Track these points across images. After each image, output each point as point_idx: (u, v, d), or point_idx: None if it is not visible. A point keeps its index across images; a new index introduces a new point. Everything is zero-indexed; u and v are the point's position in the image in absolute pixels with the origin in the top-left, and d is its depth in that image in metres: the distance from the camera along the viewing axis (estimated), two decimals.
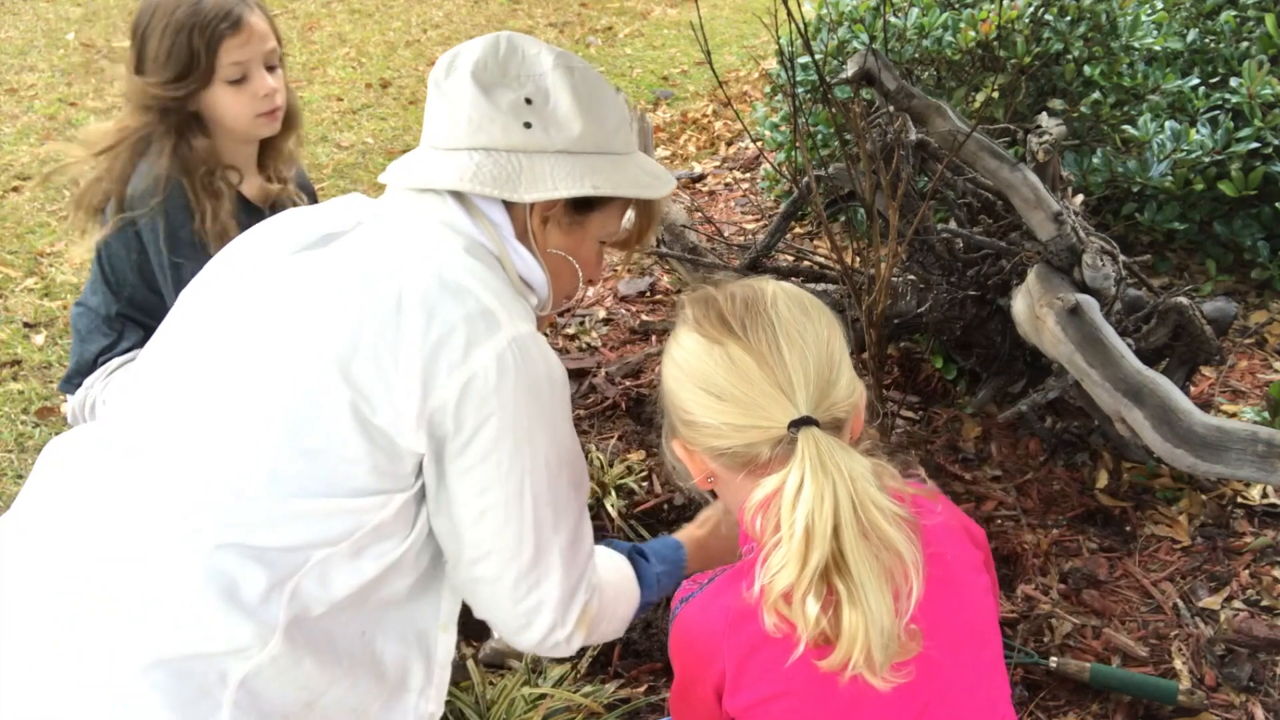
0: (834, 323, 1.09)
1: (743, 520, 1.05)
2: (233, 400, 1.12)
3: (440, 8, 6.50)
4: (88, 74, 5.04)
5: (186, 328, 1.22)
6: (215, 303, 1.21)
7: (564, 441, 1.22)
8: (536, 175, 1.21)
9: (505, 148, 1.22)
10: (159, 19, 1.83)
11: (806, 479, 0.96)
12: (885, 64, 2.13)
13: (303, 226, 1.24)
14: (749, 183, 4.04)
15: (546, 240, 1.29)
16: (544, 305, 1.33)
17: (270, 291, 1.17)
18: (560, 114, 1.23)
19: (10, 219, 3.58)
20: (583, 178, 1.22)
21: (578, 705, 1.68)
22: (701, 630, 1.07)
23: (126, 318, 2.00)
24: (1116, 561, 2.04)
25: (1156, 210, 2.77)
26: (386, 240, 1.19)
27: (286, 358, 1.12)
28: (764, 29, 2.59)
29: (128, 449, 1.14)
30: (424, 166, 1.24)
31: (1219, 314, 2.10)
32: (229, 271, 1.24)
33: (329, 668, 1.13)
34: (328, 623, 1.13)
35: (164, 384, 1.18)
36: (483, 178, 1.20)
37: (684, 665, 1.11)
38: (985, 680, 1.09)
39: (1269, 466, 1.69)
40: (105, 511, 1.10)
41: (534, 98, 1.22)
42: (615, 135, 1.28)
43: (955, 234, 2.32)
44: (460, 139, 1.23)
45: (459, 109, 1.22)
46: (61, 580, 1.07)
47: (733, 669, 1.03)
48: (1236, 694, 1.75)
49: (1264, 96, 2.61)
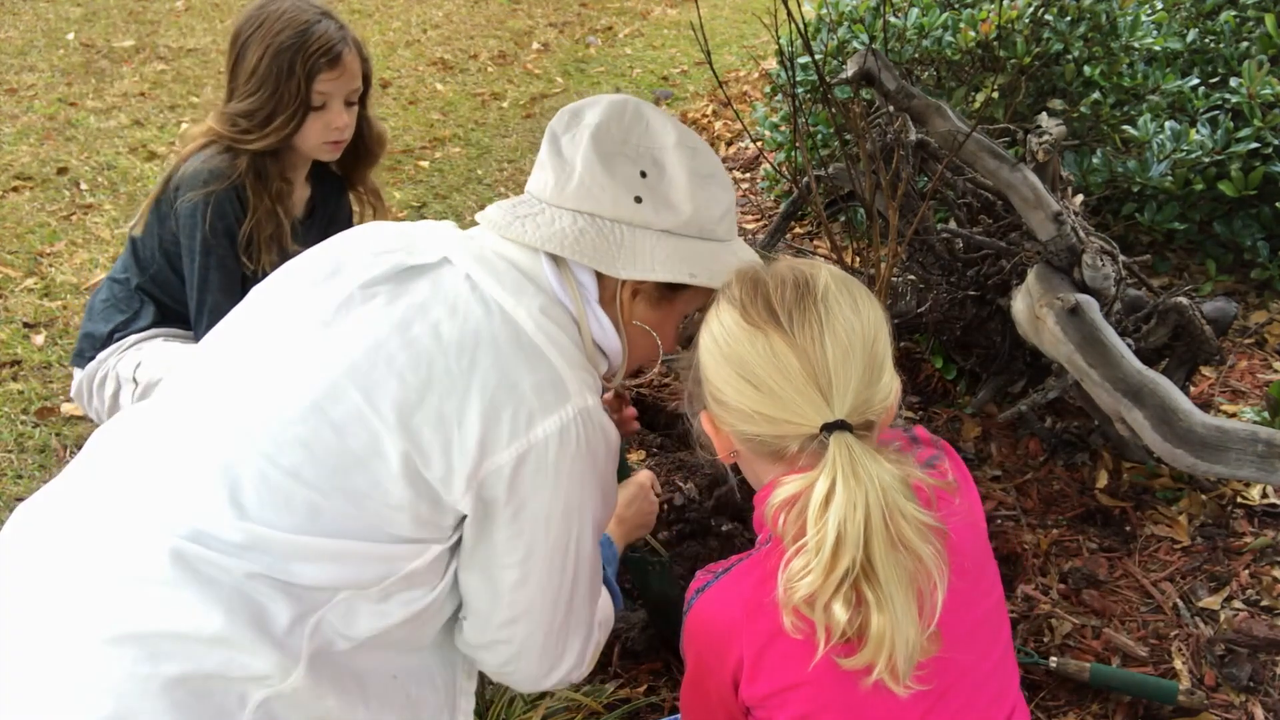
0: (882, 318, 1.06)
1: (760, 510, 1.05)
2: (282, 427, 1.09)
3: (440, 8, 6.50)
4: (88, 74, 5.04)
5: (252, 335, 1.19)
6: (284, 316, 1.18)
7: (610, 502, 1.24)
8: (637, 252, 1.20)
9: (611, 217, 1.20)
10: (262, 34, 1.92)
11: (838, 487, 0.94)
12: (885, 64, 2.13)
13: (386, 249, 1.20)
14: (749, 183, 4.04)
15: (633, 313, 1.27)
16: (614, 372, 1.32)
17: (340, 323, 1.14)
18: (673, 195, 1.22)
19: (10, 219, 3.57)
20: (681, 263, 1.21)
21: (577, 705, 1.68)
22: (718, 619, 1.07)
23: (145, 292, 2.07)
24: (1116, 561, 2.04)
25: (1156, 210, 2.77)
26: (468, 290, 1.15)
27: (345, 396, 1.09)
28: (764, 29, 2.60)
29: (167, 459, 1.11)
30: (526, 219, 1.22)
31: (1219, 314, 2.10)
32: (304, 283, 1.20)
33: (354, 707, 1.11)
34: (356, 661, 1.12)
35: (216, 394, 1.15)
36: (584, 247, 1.19)
37: (699, 655, 1.11)
38: (997, 671, 1.09)
39: (1269, 466, 1.69)
40: (136, 526, 1.07)
41: (650, 172, 1.22)
42: (720, 223, 1.26)
43: (955, 234, 2.32)
44: (568, 199, 1.21)
45: (573, 168, 1.21)
46: (81, 597, 1.04)
47: (750, 658, 1.03)
48: (1236, 694, 1.75)
49: (1264, 96, 2.61)
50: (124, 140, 4.29)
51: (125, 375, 1.99)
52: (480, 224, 1.27)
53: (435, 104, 4.93)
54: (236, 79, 1.95)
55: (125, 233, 3.47)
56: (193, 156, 1.96)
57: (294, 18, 1.90)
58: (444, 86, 5.18)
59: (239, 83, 1.94)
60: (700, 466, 2.22)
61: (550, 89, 5.21)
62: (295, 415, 1.09)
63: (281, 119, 1.92)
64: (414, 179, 4.07)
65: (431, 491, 1.10)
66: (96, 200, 3.76)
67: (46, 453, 2.45)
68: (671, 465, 2.29)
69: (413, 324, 1.11)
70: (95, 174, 3.96)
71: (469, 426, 1.08)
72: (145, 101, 4.75)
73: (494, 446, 1.09)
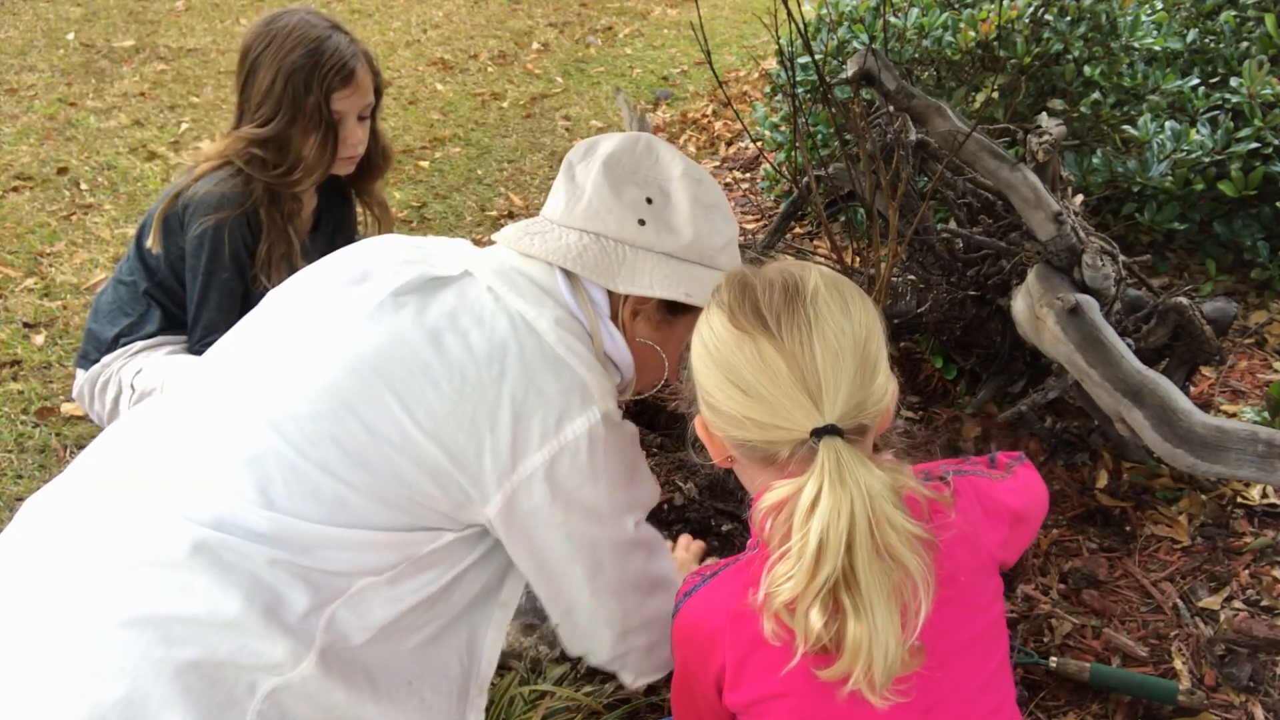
0: (875, 319, 1.05)
1: (753, 518, 1.05)
2: (313, 421, 1.12)
3: (440, 8, 6.50)
4: (88, 74, 5.04)
5: (281, 332, 1.22)
6: (315, 316, 1.22)
7: (647, 486, 1.32)
8: (636, 270, 1.26)
9: (615, 237, 1.27)
10: (273, 53, 1.89)
11: (824, 492, 0.93)
12: (885, 64, 2.13)
13: (410, 259, 1.26)
14: (749, 183, 4.04)
15: (635, 331, 1.33)
16: (626, 387, 1.38)
17: (373, 327, 1.18)
18: (675, 220, 1.28)
19: (10, 219, 3.57)
20: (678, 283, 1.27)
21: (578, 704, 1.68)
22: (702, 625, 1.07)
23: (152, 297, 2.07)
24: (1116, 561, 2.04)
25: (1156, 210, 2.77)
26: (491, 301, 1.21)
27: (380, 399, 1.13)
28: (764, 29, 2.59)
29: (191, 449, 1.14)
30: (536, 236, 1.29)
31: (1219, 314, 2.10)
32: (334, 286, 1.24)
33: (361, 703, 1.13)
34: (369, 658, 1.15)
35: (243, 387, 1.18)
36: (586, 260, 1.25)
37: (685, 660, 1.11)
38: (990, 687, 1.08)
39: (1269, 466, 1.68)
40: (157, 513, 1.09)
41: (655, 199, 1.29)
42: (721, 253, 1.32)
43: (955, 234, 2.32)
44: (576, 219, 1.29)
45: (583, 192, 1.29)
46: (99, 579, 1.06)
47: (733, 665, 1.03)
48: (1236, 694, 1.75)
49: (1264, 96, 2.60)
50: (124, 140, 4.29)
51: (127, 381, 2.00)
52: (497, 243, 1.33)
53: (435, 104, 4.93)
54: (248, 100, 1.92)
55: (126, 233, 3.47)
56: (205, 177, 1.93)
57: (304, 34, 1.87)
58: (444, 86, 5.18)
59: (251, 104, 1.92)
60: (701, 467, 2.22)
61: (550, 89, 5.21)
62: (327, 411, 1.13)
63: (314, 153, 1.90)
64: (414, 179, 4.07)
65: (462, 493, 1.15)
66: (96, 200, 3.76)
67: (46, 453, 2.45)
68: (671, 465, 2.29)
69: (444, 334, 1.17)
70: (95, 174, 3.96)
71: (501, 431, 1.14)
72: (145, 101, 4.75)
73: (526, 449, 1.15)
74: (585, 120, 4.86)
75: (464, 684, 1.28)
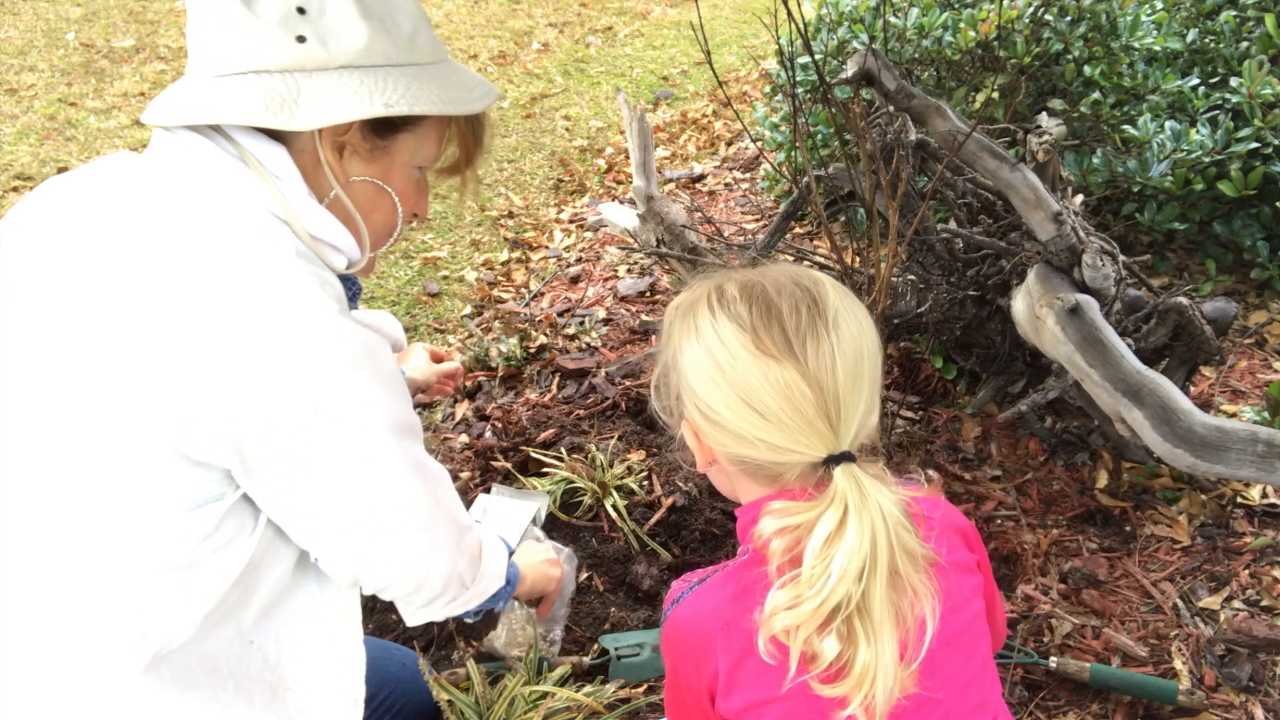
0: (876, 334, 1.03)
1: (743, 525, 1.04)
2: (27, 450, 0.98)
3: (440, 8, 6.50)
4: (88, 74, 5.04)
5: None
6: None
7: (403, 398, 1.10)
8: (317, 97, 1.03)
9: (278, 68, 1.02)
10: None
11: (850, 523, 0.92)
12: (885, 64, 2.13)
13: (76, 208, 1.06)
14: (749, 183, 4.04)
15: (346, 172, 1.10)
16: (358, 261, 1.16)
17: (57, 324, 0.99)
18: (340, 22, 1.04)
19: None
20: (372, 95, 1.04)
21: (578, 705, 1.68)
22: (694, 631, 1.06)
23: None
24: (1116, 561, 2.04)
25: (1156, 210, 2.77)
26: (163, 238, 0.99)
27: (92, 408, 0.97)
28: (764, 29, 2.59)
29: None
30: (184, 99, 1.04)
31: (1219, 314, 2.10)
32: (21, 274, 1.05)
33: (214, 699, 1.05)
34: (200, 647, 1.04)
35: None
36: (251, 106, 1.01)
37: (676, 665, 1.11)
38: (975, 682, 1.08)
39: (1269, 466, 1.69)
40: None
41: (306, 6, 1.03)
42: (413, 43, 1.09)
43: (955, 234, 2.32)
44: (225, 63, 1.03)
45: (218, 25, 1.03)
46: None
47: (725, 672, 1.03)
48: (1236, 694, 1.75)
49: (1264, 96, 2.61)
50: (124, 140, 4.29)
51: None
52: (147, 123, 1.11)
53: None
54: None
55: None
56: None
57: None
58: None
59: None
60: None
61: (550, 89, 5.21)
62: (35, 441, 1.00)
63: None
64: None
65: (198, 466, 0.99)
66: None
67: None
68: (671, 465, 2.29)
69: (127, 301, 0.98)
70: None
71: (215, 387, 0.96)
72: (145, 101, 4.75)
73: (248, 398, 0.96)
74: (585, 120, 4.85)
75: (325, 622, 1.16)
